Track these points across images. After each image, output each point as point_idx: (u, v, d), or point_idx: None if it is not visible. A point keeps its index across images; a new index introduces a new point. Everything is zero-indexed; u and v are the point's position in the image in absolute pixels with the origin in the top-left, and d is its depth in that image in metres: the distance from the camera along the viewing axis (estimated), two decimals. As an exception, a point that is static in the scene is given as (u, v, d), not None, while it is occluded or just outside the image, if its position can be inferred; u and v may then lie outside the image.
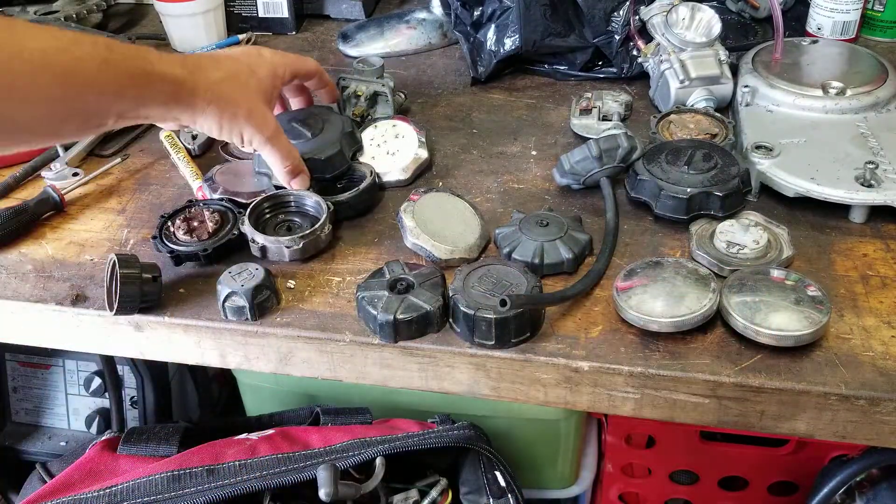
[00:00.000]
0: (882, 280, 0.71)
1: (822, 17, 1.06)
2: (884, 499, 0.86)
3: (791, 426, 0.64)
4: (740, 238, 0.72)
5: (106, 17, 1.22)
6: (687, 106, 0.92)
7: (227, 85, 0.73)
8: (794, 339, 0.63)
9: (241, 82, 0.74)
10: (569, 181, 0.82)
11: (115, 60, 0.64)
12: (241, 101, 0.73)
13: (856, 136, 0.83)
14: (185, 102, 0.70)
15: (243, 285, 0.69)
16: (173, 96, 0.69)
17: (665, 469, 1.08)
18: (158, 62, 0.68)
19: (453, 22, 1.07)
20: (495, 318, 0.65)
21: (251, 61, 0.77)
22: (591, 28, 1.01)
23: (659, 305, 0.65)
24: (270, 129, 0.75)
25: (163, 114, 0.70)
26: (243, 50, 0.80)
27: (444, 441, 0.85)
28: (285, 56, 0.81)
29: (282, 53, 0.82)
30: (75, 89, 0.62)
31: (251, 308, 0.69)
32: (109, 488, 0.80)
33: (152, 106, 0.68)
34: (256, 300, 0.69)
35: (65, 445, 1.18)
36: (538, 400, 0.68)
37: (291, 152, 0.78)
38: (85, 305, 0.73)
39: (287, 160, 0.77)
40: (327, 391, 1.05)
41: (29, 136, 0.65)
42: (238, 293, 0.69)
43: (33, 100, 0.60)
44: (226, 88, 0.72)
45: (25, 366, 1.18)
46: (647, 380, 0.64)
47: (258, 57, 0.78)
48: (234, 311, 0.70)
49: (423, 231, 0.74)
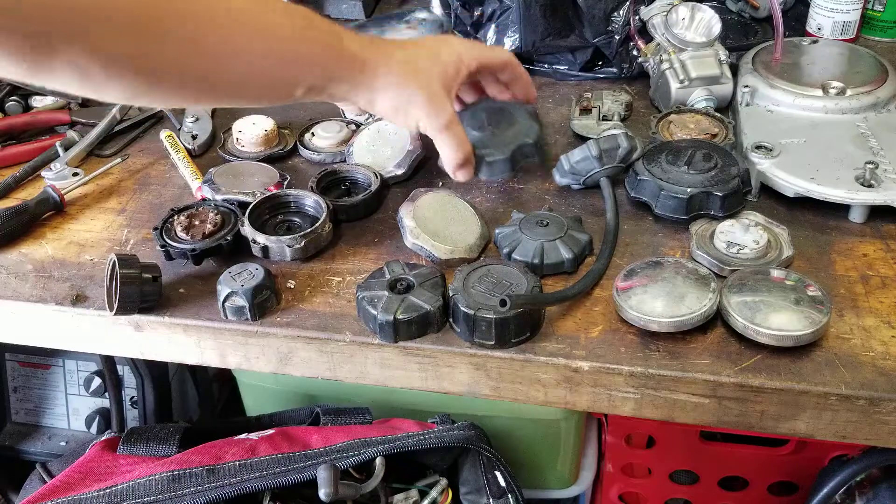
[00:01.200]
0: (882, 280, 0.71)
1: (822, 17, 1.06)
2: (884, 499, 0.86)
3: (791, 426, 0.64)
4: (740, 238, 0.72)
5: (106, 17, 1.22)
6: (687, 106, 0.92)
7: (409, 67, 0.71)
8: (795, 339, 0.63)
9: (423, 67, 0.72)
10: (569, 181, 0.82)
11: (310, 30, 0.67)
12: (420, 85, 0.72)
13: (856, 136, 0.83)
14: (366, 84, 0.70)
15: (243, 285, 0.69)
16: (358, 74, 0.69)
17: (665, 469, 1.08)
18: (349, 39, 0.69)
19: (453, 22, 1.07)
20: (495, 318, 0.65)
21: (437, 48, 0.75)
22: (591, 28, 1.01)
23: (659, 305, 0.65)
24: (446, 117, 0.73)
25: (346, 92, 0.70)
26: (431, 37, 0.81)
27: (444, 441, 0.85)
28: (474, 46, 0.80)
29: (471, 43, 0.81)
30: (270, 50, 0.64)
31: (251, 308, 0.69)
32: (109, 488, 0.80)
33: (339, 83, 0.69)
34: (256, 300, 0.69)
35: (65, 445, 1.17)
36: (538, 400, 0.68)
37: (464, 144, 0.75)
38: (85, 305, 0.73)
39: (459, 152, 0.74)
40: (327, 391, 1.05)
41: (224, 94, 0.67)
42: (238, 293, 0.69)
43: (229, 54, 0.63)
44: (407, 70, 0.71)
45: (25, 366, 1.18)
46: (647, 380, 0.64)
47: (445, 44, 0.77)
48: (234, 311, 0.70)
49: (423, 231, 0.74)
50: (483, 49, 0.80)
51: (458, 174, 0.77)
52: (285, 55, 0.66)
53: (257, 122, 0.91)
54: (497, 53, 0.81)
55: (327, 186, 0.84)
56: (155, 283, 0.71)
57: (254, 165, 0.87)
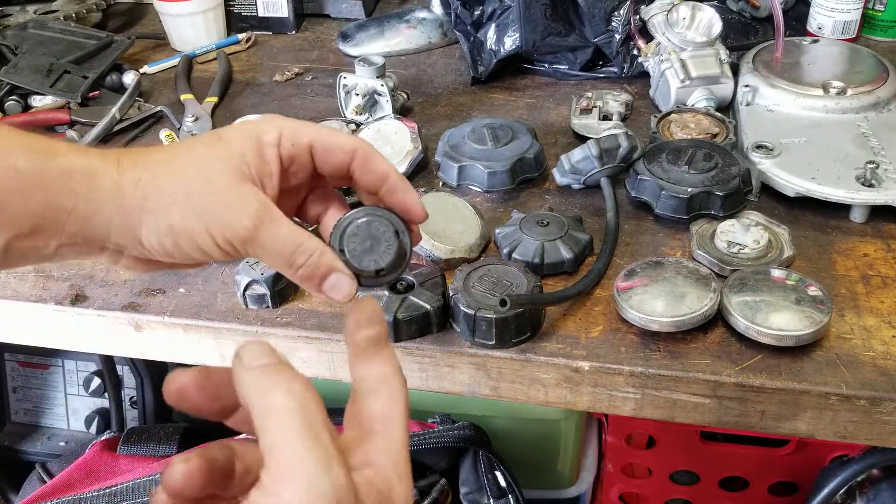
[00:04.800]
0: (883, 280, 0.71)
1: (823, 16, 1.06)
2: (884, 499, 0.86)
3: (792, 426, 0.64)
4: (741, 238, 0.72)
5: (105, 17, 1.22)
6: (687, 105, 0.92)
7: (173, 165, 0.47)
8: (795, 338, 0.63)
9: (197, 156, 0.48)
10: (569, 181, 0.82)
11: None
12: (193, 181, 0.47)
13: (856, 136, 0.83)
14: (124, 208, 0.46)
15: (263, 273, 0.69)
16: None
17: (665, 469, 1.08)
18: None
19: (453, 21, 1.07)
20: (495, 318, 0.64)
21: (223, 131, 0.50)
22: (591, 27, 1.01)
23: (659, 305, 0.65)
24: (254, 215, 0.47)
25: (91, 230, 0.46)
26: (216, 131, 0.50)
27: (444, 441, 0.85)
28: (302, 123, 0.51)
29: (296, 121, 0.51)
30: None
31: (272, 296, 0.70)
32: (109, 488, 0.80)
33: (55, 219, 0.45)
34: (277, 287, 0.70)
35: (64, 445, 1.17)
36: (538, 400, 0.68)
37: (306, 240, 0.48)
38: (84, 305, 0.73)
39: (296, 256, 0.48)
40: (327, 391, 1.05)
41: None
42: (259, 281, 0.69)
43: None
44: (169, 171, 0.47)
45: (25, 366, 1.18)
46: (648, 380, 0.64)
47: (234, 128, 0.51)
48: (255, 300, 0.70)
49: (423, 231, 0.74)
50: (317, 128, 0.51)
51: (322, 288, 0.49)
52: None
53: (257, 121, 0.91)
54: (341, 136, 0.51)
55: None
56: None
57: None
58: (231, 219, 0.45)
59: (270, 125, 0.48)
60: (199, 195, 0.45)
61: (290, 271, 0.48)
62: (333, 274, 0.48)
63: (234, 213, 0.45)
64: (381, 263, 0.49)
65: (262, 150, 0.48)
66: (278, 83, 1.07)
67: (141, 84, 1.04)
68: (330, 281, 0.48)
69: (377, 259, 0.49)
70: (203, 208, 0.45)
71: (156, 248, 0.46)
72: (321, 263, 0.48)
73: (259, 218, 0.46)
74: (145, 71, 1.09)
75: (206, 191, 0.45)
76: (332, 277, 0.48)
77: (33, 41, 1.05)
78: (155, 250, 0.46)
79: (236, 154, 0.47)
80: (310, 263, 0.47)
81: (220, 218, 0.45)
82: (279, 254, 0.47)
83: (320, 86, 1.06)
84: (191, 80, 1.08)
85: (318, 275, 0.48)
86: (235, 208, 0.46)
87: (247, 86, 1.07)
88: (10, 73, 0.99)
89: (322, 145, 0.49)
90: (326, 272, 0.48)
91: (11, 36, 1.05)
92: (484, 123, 0.86)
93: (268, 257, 0.47)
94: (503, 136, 0.84)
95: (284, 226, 0.47)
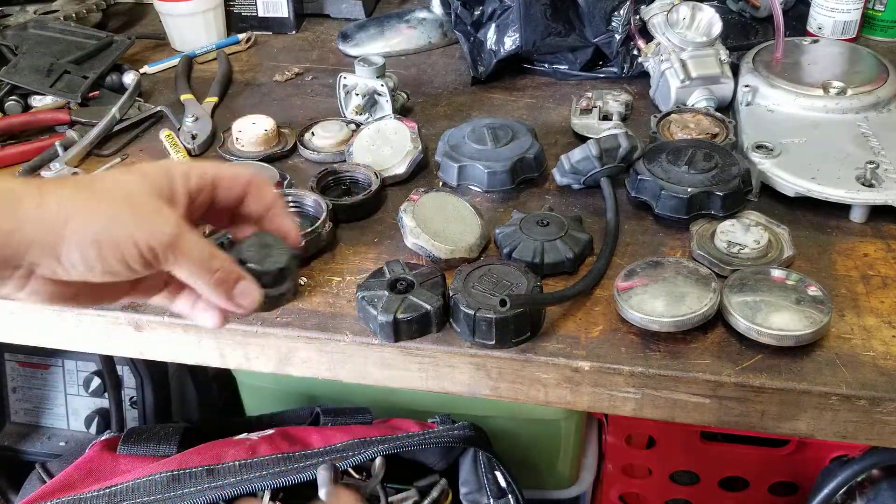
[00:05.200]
0: (883, 280, 0.71)
1: (823, 16, 1.06)
2: (884, 499, 0.86)
3: (792, 426, 0.64)
4: (741, 238, 0.72)
5: (105, 17, 1.22)
6: (687, 105, 0.92)
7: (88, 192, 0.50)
8: (795, 338, 0.63)
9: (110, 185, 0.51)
10: (569, 181, 0.82)
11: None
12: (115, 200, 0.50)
13: (856, 136, 0.83)
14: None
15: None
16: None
17: (665, 469, 1.08)
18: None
19: (453, 21, 1.07)
20: (495, 318, 0.64)
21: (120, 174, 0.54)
22: (591, 27, 1.01)
23: (659, 305, 0.65)
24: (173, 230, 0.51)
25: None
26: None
27: (444, 441, 0.85)
28: (193, 163, 0.60)
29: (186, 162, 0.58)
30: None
31: None
32: (109, 488, 0.80)
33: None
34: None
35: (64, 445, 1.17)
36: (538, 400, 0.68)
37: (216, 257, 0.52)
38: (84, 305, 0.73)
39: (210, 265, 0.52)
40: (327, 391, 1.05)
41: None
42: None
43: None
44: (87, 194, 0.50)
45: (25, 366, 1.18)
46: (648, 380, 0.64)
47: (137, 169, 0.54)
48: None
49: (423, 231, 0.74)
50: (220, 165, 0.57)
51: (233, 294, 0.53)
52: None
53: (257, 121, 0.91)
54: (239, 170, 0.57)
55: (327, 186, 0.83)
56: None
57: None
58: (154, 227, 0.49)
59: (178, 164, 0.56)
60: (123, 210, 0.49)
61: (206, 276, 0.52)
62: (243, 282, 0.53)
63: (156, 223, 0.50)
64: (279, 264, 0.55)
65: (173, 181, 0.52)
66: (278, 83, 1.07)
67: (141, 84, 1.04)
68: (239, 287, 0.53)
69: (275, 261, 0.55)
70: (128, 219, 0.49)
71: (76, 263, 0.48)
72: (233, 269, 0.53)
73: (179, 226, 0.50)
74: (145, 71, 1.09)
75: (129, 207, 0.49)
76: (241, 284, 0.53)
77: (33, 41, 1.05)
78: (74, 267, 0.48)
79: (152, 182, 0.52)
80: (224, 268, 0.52)
81: (145, 226, 0.49)
82: (198, 258, 0.51)
83: (320, 86, 1.06)
84: (191, 80, 1.08)
85: (230, 279, 0.53)
86: (157, 219, 0.50)
87: (247, 86, 1.07)
88: (10, 73, 0.99)
89: (225, 178, 0.55)
90: (238, 278, 0.53)
91: (11, 36, 1.05)
92: (484, 123, 0.86)
93: (186, 263, 0.51)
94: (503, 136, 0.85)
95: (199, 236, 0.52)
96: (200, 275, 0.52)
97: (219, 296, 0.53)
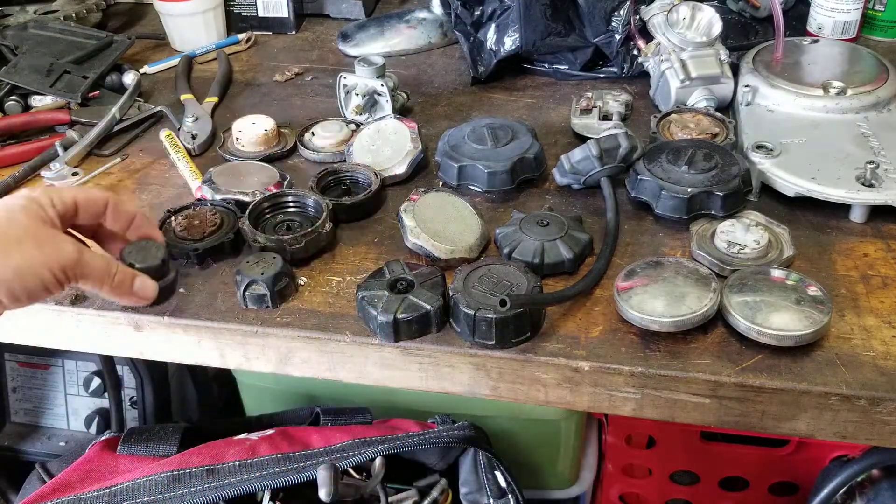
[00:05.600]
0: (883, 280, 0.71)
1: (823, 16, 1.06)
2: (884, 499, 0.86)
3: (792, 426, 0.64)
4: (741, 238, 0.72)
5: (105, 17, 1.22)
6: (687, 105, 0.92)
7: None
8: (795, 338, 0.63)
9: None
10: (569, 181, 0.82)
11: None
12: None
13: (856, 136, 0.83)
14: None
15: (263, 273, 0.69)
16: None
17: (665, 469, 1.08)
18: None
19: (453, 21, 1.07)
20: (495, 318, 0.64)
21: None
22: (591, 27, 1.01)
23: (659, 305, 0.65)
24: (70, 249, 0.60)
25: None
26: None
27: (444, 441, 0.85)
28: (51, 189, 0.66)
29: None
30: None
31: (272, 296, 0.70)
32: (109, 488, 0.80)
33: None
34: (277, 287, 0.70)
35: (64, 445, 1.17)
36: (538, 400, 0.68)
37: (111, 263, 0.62)
38: (84, 305, 0.73)
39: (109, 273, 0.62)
40: (327, 391, 1.05)
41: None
42: (259, 281, 0.69)
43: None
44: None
45: (25, 366, 1.18)
46: (648, 380, 0.64)
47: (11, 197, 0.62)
48: (254, 300, 0.70)
49: (423, 231, 0.74)
50: (77, 189, 0.65)
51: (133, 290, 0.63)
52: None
53: (257, 121, 0.91)
54: (96, 192, 0.65)
55: (327, 186, 0.83)
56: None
57: (253, 165, 0.87)
58: (59, 251, 0.58)
59: (43, 193, 0.61)
60: (29, 242, 0.57)
61: (108, 282, 0.61)
62: (138, 278, 0.64)
63: (59, 246, 0.58)
64: (160, 257, 0.65)
65: (45, 209, 0.60)
66: (278, 83, 1.07)
67: (141, 84, 1.04)
68: (137, 284, 0.63)
69: (155, 256, 0.65)
70: (36, 250, 0.57)
71: (2, 297, 0.56)
72: (128, 271, 0.63)
73: (77, 246, 0.59)
74: (145, 71, 1.09)
75: (32, 239, 0.57)
76: (137, 281, 0.63)
77: (33, 41, 1.05)
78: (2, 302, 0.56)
79: (34, 212, 0.59)
80: (121, 271, 0.62)
81: (52, 253, 0.58)
82: (100, 268, 0.60)
83: (320, 86, 1.06)
84: (191, 80, 1.08)
85: (128, 280, 0.63)
86: (59, 243, 0.59)
87: (247, 86, 1.07)
88: (10, 73, 0.99)
89: (82, 200, 0.63)
90: (133, 276, 0.63)
91: (11, 36, 1.05)
92: (484, 123, 0.86)
93: (90, 274, 0.60)
94: (503, 136, 0.85)
95: (94, 250, 0.61)
96: (101, 281, 0.61)
97: (120, 296, 0.62)
